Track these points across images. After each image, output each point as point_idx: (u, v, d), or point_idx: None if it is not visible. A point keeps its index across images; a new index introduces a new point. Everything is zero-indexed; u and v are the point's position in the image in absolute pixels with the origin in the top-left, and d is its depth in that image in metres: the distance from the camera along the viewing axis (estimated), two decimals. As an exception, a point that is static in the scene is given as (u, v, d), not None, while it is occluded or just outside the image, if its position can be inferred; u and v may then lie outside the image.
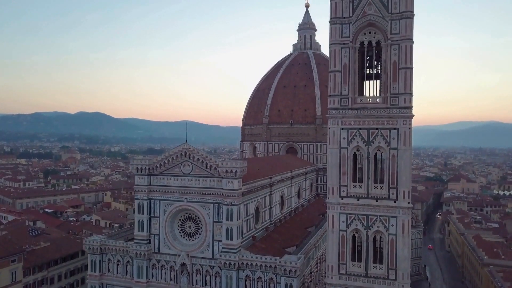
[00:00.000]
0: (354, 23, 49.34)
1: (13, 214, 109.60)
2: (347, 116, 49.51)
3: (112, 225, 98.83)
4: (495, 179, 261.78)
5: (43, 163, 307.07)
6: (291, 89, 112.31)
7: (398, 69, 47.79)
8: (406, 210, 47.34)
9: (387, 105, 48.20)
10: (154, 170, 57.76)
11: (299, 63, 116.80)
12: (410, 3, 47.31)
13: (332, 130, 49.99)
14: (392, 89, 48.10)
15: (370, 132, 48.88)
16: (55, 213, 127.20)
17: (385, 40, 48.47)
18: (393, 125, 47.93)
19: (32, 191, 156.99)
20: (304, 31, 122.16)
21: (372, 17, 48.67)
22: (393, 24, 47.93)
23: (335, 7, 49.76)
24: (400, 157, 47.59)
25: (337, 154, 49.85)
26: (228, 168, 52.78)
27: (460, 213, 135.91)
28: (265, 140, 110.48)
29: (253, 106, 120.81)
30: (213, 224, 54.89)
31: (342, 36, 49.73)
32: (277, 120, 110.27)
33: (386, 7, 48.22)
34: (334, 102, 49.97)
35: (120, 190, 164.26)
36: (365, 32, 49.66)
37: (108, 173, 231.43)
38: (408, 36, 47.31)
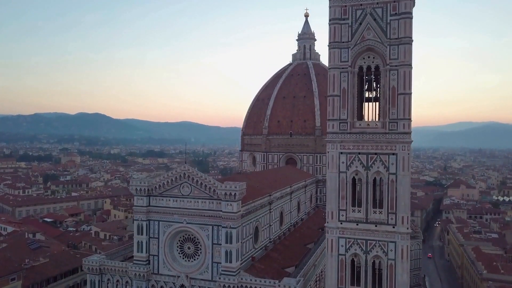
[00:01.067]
0: (353, 47, 49.38)
1: (12, 225, 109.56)
2: (346, 141, 49.55)
3: (112, 237, 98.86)
4: (494, 183, 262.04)
5: (43, 167, 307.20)
6: (291, 99, 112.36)
7: (397, 94, 47.86)
8: (405, 235, 47.40)
9: (386, 130, 48.24)
10: (154, 191, 57.74)
11: (299, 74, 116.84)
12: (409, 29, 47.38)
13: (331, 154, 50.01)
14: (391, 114, 48.15)
15: (369, 156, 48.93)
16: (54, 222, 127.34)
17: (384, 65, 48.52)
18: (392, 150, 47.98)
19: (31, 199, 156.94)
20: (304, 41, 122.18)
21: (371, 42, 48.72)
22: (392, 49, 47.99)
23: (334, 31, 49.80)
24: (399, 182, 47.64)
25: (336, 178, 49.89)
26: (227, 191, 52.76)
27: (460, 221, 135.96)
28: (265, 151, 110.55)
29: (252, 116, 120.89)
30: (212, 246, 54.88)
31: (341, 61, 49.76)
32: (276, 131, 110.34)
33: (385, 33, 48.28)
34: (333, 126, 50.00)
35: (119, 197, 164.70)
36: (364, 57, 49.71)
37: (108, 178, 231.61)
38: (407, 62, 47.38)
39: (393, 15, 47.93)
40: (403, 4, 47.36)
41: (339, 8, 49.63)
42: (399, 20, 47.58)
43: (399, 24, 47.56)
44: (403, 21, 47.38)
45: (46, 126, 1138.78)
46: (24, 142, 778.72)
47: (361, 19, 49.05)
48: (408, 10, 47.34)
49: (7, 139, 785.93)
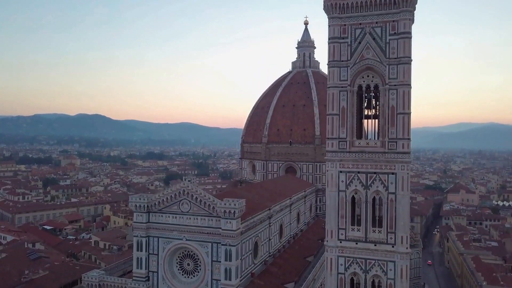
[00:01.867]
0: (352, 66, 49.40)
1: (12, 234, 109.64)
2: (345, 160, 49.55)
3: (111, 247, 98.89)
4: (494, 187, 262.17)
5: (43, 171, 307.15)
6: (290, 108, 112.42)
7: (396, 114, 47.88)
8: (404, 255, 47.39)
9: (385, 150, 48.25)
10: (153, 208, 57.70)
11: (298, 82, 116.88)
12: (408, 49, 47.40)
13: (331, 173, 50.02)
14: (390, 134, 48.15)
15: (368, 176, 48.93)
16: (54, 230, 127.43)
17: (383, 84, 48.54)
18: (391, 169, 47.98)
19: (31, 205, 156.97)
20: (303, 49, 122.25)
21: (370, 61, 48.74)
22: (391, 69, 48.01)
23: (333, 50, 49.82)
24: (398, 202, 47.64)
25: (336, 197, 49.89)
26: (226, 208, 52.70)
27: (459, 228, 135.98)
28: (265, 160, 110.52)
29: (252, 124, 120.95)
30: (211, 263, 54.84)
31: (340, 79, 49.77)
32: (276, 139, 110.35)
33: (384, 52, 48.30)
34: (332, 145, 50.00)
35: (119, 202, 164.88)
36: (363, 76, 49.72)
37: (108, 183, 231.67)
38: (406, 82, 47.40)
39: (392, 34, 47.96)
40: (402, 24, 47.39)
41: (338, 27, 49.67)
42: (398, 39, 47.61)
43: (398, 44, 47.59)
44: (402, 41, 47.41)
45: (46, 127, 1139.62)
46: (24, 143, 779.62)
47: (360, 38, 49.07)
48: (407, 30, 47.35)
49: (7, 140, 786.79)
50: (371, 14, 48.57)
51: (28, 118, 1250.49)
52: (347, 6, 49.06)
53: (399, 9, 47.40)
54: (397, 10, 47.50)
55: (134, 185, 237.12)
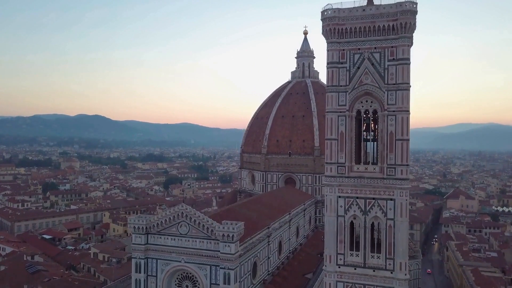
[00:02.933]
0: (351, 91, 49.37)
1: (11, 245, 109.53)
2: (344, 185, 49.53)
3: (110, 259, 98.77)
4: (494, 191, 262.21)
5: (42, 174, 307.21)
6: (290, 119, 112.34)
7: (395, 140, 47.83)
8: (403, 281, 47.36)
9: (384, 176, 48.22)
10: (152, 229, 57.64)
11: (297, 92, 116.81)
12: (407, 75, 47.36)
13: (329, 198, 49.99)
14: (389, 160, 48.11)
15: (367, 201, 48.91)
16: (53, 239, 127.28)
17: (382, 110, 48.50)
18: (390, 195, 47.96)
19: (30, 213, 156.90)
20: (303, 58, 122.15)
21: (368, 87, 48.72)
22: (390, 95, 48.00)
23: (332, 75, 49.79)
24: (397, 228, 47.61)
25: (334, 222, 49.87)
26: (225, 232, 52.65)
27: (459, 237, 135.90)
28: (264, 170, 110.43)
29: (251, 134, 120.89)
30: (210, 286, 54.74)
31: (339, 104, 49.75)
32: (275, 150, 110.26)
33: (382, 78, 48.27)
34: (331, 169, 49.97)
35: (119, 209, 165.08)
36: (362, 101, 49.70)
37: (107, 188, 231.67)
38: (405, 108, 47.37)
39: (391, 60, 47.94)
40: (401, 50, 47.37)
41: (336, 51, 49.63)
42: (397, 65, 47.61)
43: (397, 70, 47.58)
44: (401, 67, 47.39)
45: (46, 128, 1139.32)
46: (23, 144, 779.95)
47: (359, 63, 49.04)
48: (405, 56, 47.33)
49: (7, 142, 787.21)
50: (369, 39, 48.52)
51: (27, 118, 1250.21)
52: (346, 31, 49.01)
53: (397, 35, 47.37)
54: (396, 36, 47.47)
55: (134, 190, 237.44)
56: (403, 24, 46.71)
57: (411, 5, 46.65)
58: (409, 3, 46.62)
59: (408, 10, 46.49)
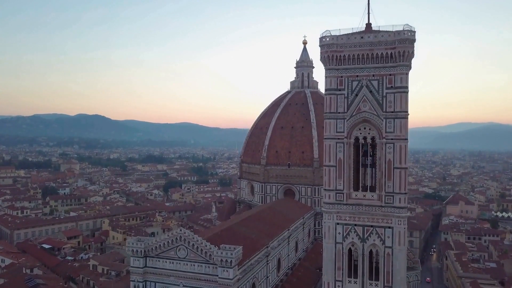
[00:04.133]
0: (349, 119, 49.30)
1: (10, 257, 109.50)
2: (342, 212, 49.51)
3: (110, 272, 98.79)
4: (493, 194, 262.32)
5: (42, 177, 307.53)
6: (289, 130, 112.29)
7: (393, 168, 47.76)
8: (401, 310, 47.37)
9: (382, 203, 48.18)
10: (150, 252, 57.62)
11: (296, 103, 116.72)
12: (405, 104, 47.30)
13: (328, 225, 49.97)
14: (387, 187, 48.07)
15: (365, 228, 48.89)
16: (52, 249, 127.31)
17: (380, 138, 48.43)
18: (388, 223, 47.94)
19: (30, 221, 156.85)
20: (302, 68, 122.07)
21: (367, 114, 48.66)
22: (388, 123, 47.92)
23: (330, 102, 49.72)
24: (395, 256, 47.58)
25: (333, 249, 49.84)
26: (223, 257, 52.62)
27: (458, 246, 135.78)
28: (263, 182, 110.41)
29: (250, 144, 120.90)
30: (208, 310, 54.77)
31: (337, 131, 49.68)
32: (274, 161, 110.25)
33: (380, 105, 48.18)
34: (329, 196, 49.93)
35: (118, 216, 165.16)
36: (360, 128, 49.63)
37: (107, 193, 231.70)
38: (403, 136, 47.31)
39: (389, 88, 47.86)
40: (399, 78, 47.28)
41: (335, 78, 49.55)
42: (395, 93, 47.53)
43: (395, 98, 47.51)
44: (399, 95, 47.31)
45: (46, 128, 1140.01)
46: (23, 145, 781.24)
47: (357, 91, 48.96)
48: (404, 84, 47.25)
49: (7, 142, 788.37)
50: (367, 67, 48.44)
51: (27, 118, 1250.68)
52: (344, 58, 48.93)
53: (395, 63, 47.28)
54: (394, 64, 47.39)
55: (133, 195, 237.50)
56: (401, 52, 46.62)
57: (410, 33, 46.53)
58: (407, 32, 46.51)
59: (407, 38, 46.39)
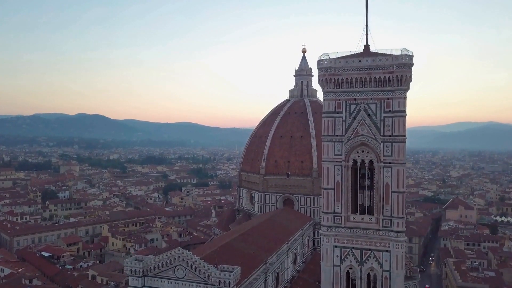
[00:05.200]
0: (347, 142, 49.32)
1: (9, 266, 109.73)
2: (340, 235, 49.57)
3: (109, 282, 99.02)
4: (493, 197, 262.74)
5: (42, 180, 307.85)
6: (288, 139, 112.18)
7: (391, 191, 47.78)
8: (398, 334, 47.44)
9: (380, 227, 48.23)
10: (149, 272, 57.62)
11: (296, 112, 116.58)
12: (402, 128, 47.29)
13: (326, 247, 50.03)
14: (385, 211, 48.10)
15: (363, 252, 48.94)
16: (52, 257, 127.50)
17: (378, 161, 48.46)
18: (385, 247, 47.98)
19: (29, 227, 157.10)
20: (301, 77, 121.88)
21: (364, 138, 48.69)
22: (386, 146, 47.93)
23: (328, 124, 49.75)
24: (393, 280, 47.64)
25: (331, 271, 49.92)
26: (221, 279, 52.64)
27: (457, 253, 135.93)
28: (262, 191, 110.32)
29: (249, 152, 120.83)
30: (207, 330, 54.79)
31: (335, 154, 49.69)
32: (273, 171, 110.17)
33: (378, 129, 48.19)
34: (327, 219, 49.98)
35: (118, 222, 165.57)
36: (358, 151, 49.64)
37: (106, 196, 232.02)
38: (401, 161, 47.34)
39: (387, 112, 47.88)
40: (397, 102, 47.29)
41: (332, 101, 49.56)
42: (393, 118, 47.55)
43: (393, 122, 47.51)
44: (397, 120, 47.33)
45: (46, 128, 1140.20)
46: (23, 145, 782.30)
47: (355, 114, 48.97)
48: (401, 108, 47.25)
49: (7, 142, 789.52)
50: (365, 90, 48.44)
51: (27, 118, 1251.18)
52: (342, 82, 48.93)
53: (393, 87, 47.29)
54: (392, 88, 47.39)
55: (133, 198, 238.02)
56: (399, 77, 46.62)
57: (407, 58, 46.52)
58: (405, 56, 46.51)
59: (404, 63, 46.39)
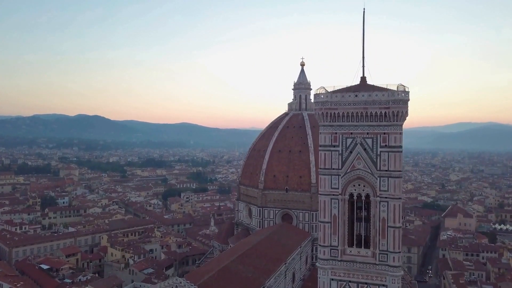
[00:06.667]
0: (344, 175, 49.44)
1: (8, 281, 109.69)
2: (337, 268, 49.72)
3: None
4: (492, 203, 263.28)
5: (41, 184, 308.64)
6: (286, 153, 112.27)
7: (387, 226, 47.92)
8: None
9: (376, 261, 48.38)
10: (146, 300, 57.92)
11: (294, 126, 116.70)
12: (399, 163, 47.40)
13: (322, 280, 50.19)
14: (381, 246, 48.25)
15: (359, 285, 49.16)
16: (51, 269, 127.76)
17: (374, 195, 48.60)
18: (382, 281, 48.14)
19: (29, 238, 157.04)
20: (299, 90, 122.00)
21: (361, 172, 48.80)
22: (382, 181, 48.06)
23: (324, 158, 49.87)
24: (389, 315, 47.76)
25: (327, 305, 50.03)
26: (218, 309, 52.94)
27: (456, 264, 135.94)
28: (261, 206, 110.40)
29: (248, 166, 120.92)
30: None
31: (332, 187, 49.82)
32: (272, 186, 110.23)
33: (375, 164, 48.32)
34: (324, 253, 50.13)
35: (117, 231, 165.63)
36: (354, 184, 49.76)
37: (106, 204, 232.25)
38: (397, 195, 47.45)
39: (383, 147, 47.99)
40: (393, 137, 47.42)
41: (329, 135, 49.70)
42: (389, 153, 47.63)
43: (389, 157, 47.64)
44: (393, 155, 47.44)
45: (45, 129, 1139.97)
46: (23, 146, 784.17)
47: (352, 148, 49.09)
48: (397, 144, 47.38)
49: (6, 143, 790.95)
50: (362, 124, 48.57)
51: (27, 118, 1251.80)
52: (338, 116, 49.08)
53: (389, 122, 47.42)
54: (388, 123, 47.52)
55: (132, 205, 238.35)
56: (395, 112, 46.78)
57: (403, 94, 46.68)
58: (401, 92, 46.67)
59: (400, 99, 46.55)
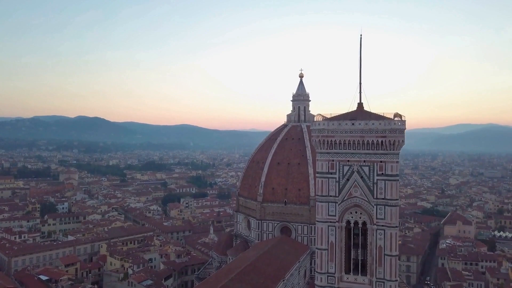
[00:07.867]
0: (341, 203, 49.62)
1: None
2: (334, 295, 49.80)
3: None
4: (492, 208, 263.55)
5: (41, 189, 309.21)
6: (285, 166, 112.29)
7: (384, 254, 48.05)
8: None
9: (373, 289, 48.49)
10: (143, 324, 58.05)
11: (293, 138, 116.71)
12: (395, 192, 47.58)
13: (319, 307, 50.29)
14: (378, 273, 48.40)
15: (356, 313, 49.19)
16: (50, 280, 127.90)
17: (371, 223, 48.76)
18: (379, 309, 48.21)
19: (28, 247, 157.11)
20: (298, 102, 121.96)
21: (358, 200, 49.00)
22: (379, 209, 48.23)
23: (322, 185, 50.03)
24: None
25: (324, 331, 50.14)
26: (216, 335, 53.05)
27: (455, 274, 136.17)
28: (260, 219, 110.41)
29: (247, 177, 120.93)
30: None
31: (329, 214, 50.01)
32: (271, 198, 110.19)
33: (371, 192, 48.49)
34: (321, 279, 50.29)
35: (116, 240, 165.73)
36: (351, 211, 49.92)
37: (105, 210, 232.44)
38: (394, 224, 47.61)
39: (380, 175, 48.18)
40: (389, 166, 47.57)
41: (326, 162, 49.87)
42: (386, 181, 47.77)
43: (386, 186, 47.81)
44: (390, 183, 47.62)
45: (45, 131, 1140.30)
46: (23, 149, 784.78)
47: (349, 175, 49.27)
48: (394, 172, 47.53)
49: (6, 145, 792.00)
50: (358, 152, 48.76)
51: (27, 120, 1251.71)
52: (335, 143, 49.26)
53: (386, 151, 47.57)
54: (384, 151, 47.70)
55: (132, 211, 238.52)
56: (391, 141, 46.94)
57: (399, 123, 46.84)
58: (397, 122, 46.83)
59: (397, 128, 46.71)
